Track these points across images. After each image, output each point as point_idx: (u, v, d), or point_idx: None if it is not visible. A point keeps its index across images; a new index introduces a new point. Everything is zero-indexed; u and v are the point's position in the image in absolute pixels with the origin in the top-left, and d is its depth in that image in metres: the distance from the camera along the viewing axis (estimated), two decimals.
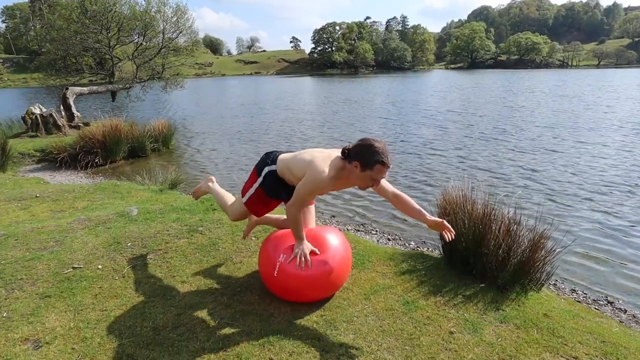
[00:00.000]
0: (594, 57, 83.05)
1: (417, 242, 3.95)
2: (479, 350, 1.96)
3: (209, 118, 14.29)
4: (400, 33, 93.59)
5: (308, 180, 1.98)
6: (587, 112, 13.25)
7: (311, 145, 9.08)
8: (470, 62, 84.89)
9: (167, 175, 4.94)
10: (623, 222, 4.45)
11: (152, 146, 7.99)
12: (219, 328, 2.11)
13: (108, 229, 3.22)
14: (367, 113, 14.64)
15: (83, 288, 2.44)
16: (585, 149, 7.87)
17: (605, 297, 2.99)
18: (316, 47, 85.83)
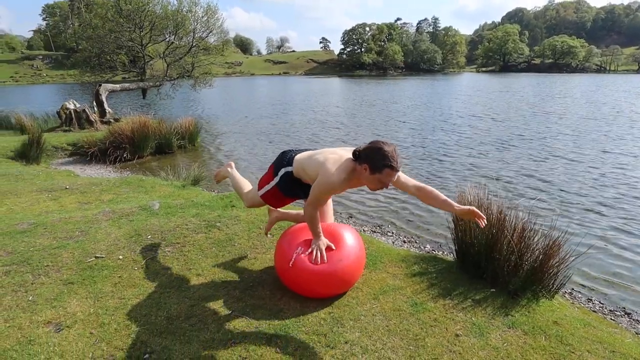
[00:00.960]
0: (633, 62, 79.20)
1: (433, 245, 3.91)
2: (483, 354, 1.95)
3: (235, 117, 14.55)
4: (431, 35, 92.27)
5: (321, 182, 2.02)
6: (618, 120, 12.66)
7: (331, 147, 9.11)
8: (502, 65, 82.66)
9: (190, 171, 5.09)
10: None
11: (179, 143, 8.22)
12: (230, 320, 2.17)
13: (130, 222, 3.36)
14: (389, 115, 14.50)
15: (104, 276, 2.57)
16: (608, 159, 7.52)
17: (622, 308, 2.88)
18: (345, 48, 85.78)
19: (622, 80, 41.88)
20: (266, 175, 2.43)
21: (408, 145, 9.09)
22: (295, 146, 9.01)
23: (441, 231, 4.31)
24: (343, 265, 2.23)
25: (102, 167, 6.83)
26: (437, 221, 4.59)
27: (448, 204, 2.05)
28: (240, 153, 8.52)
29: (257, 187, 2.48)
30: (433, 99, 20.92)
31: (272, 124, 12.54)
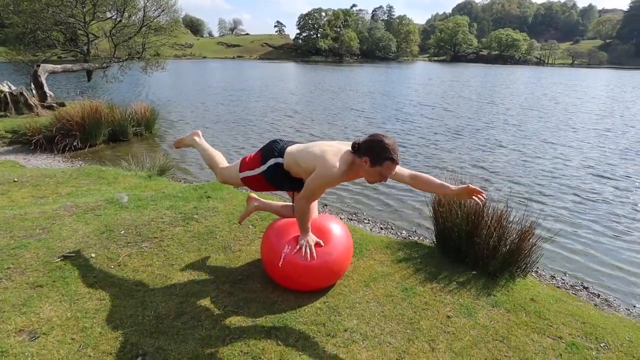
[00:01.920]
0: (568, 56, 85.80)
1: (408, 231, 4.04)
2: (474, 333, 2.07)
3: (191, 103, 13.92)
4: (386, 23, 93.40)
5: (319, 175, 1.98)
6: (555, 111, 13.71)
7: (284, 134, 9.01)
8: (453, 55, 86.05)
9: (155, 161, 4.81)
10: (595, 215, 4.68)
11: (135, 130, 7.72)
12: (224, 315, 2.11)
13: (98, 216, 3.12)
14: (346, 104, 14.49)
15: (77, 277, 2.37)
16: (549, 149, 8.15)
17: (580, 283, 3.18)
18: (301, 33, 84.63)
19: (558, 73, 45.34)
20: (252, 159, 2.33)
21: (358, 135, 9.10)
22: (257, 135, 8.82)
23: (414, 217, 4.46)
24: (333, 259, 2.22)
25: (50, 157, 6.25)
26: (410, 208, 4.73)
27: (445, 187, 2.10)
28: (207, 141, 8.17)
29: (239, 167, 2.36)
30: (388, 88, 21.32)
31: (231, 111, 12.14)
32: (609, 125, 10.77)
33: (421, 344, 1.96)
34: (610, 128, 10.39)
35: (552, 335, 2.08)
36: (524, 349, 1.96)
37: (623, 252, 3.81)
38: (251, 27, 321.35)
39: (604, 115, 12.68)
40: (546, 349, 1.97)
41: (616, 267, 3.52)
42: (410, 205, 4.81)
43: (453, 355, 1.89)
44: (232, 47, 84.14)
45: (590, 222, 4.46)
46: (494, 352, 1.93)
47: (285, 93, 17.76)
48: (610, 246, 3.91)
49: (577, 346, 2.00)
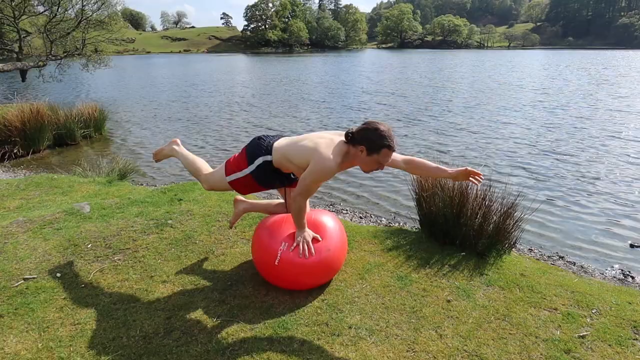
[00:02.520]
0: (505, 40, 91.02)
1: (388, 218, 4.04)
2: (476, 314, 2.08)
3: (140, 101, 13.13)
4: (333, 12, 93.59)
5: (315, 169, 1.87)
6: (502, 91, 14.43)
7: (243, 129, 8.74)
8: (400, 42, 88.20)
9: (114, 164, 4.43)
10: (556, 190, 4.96)
11: (83, 133, 7.12)
12: (218, 327, 1.96)
13: (58, 230, 2.81)
14: (300, 95, 14.23)
15: (43, 301, 2.11)
16: (502, 129, 8.55)
17: (556, 253, 3.33)
18: (249, 25, 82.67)
19: (498, 55, 47.81)
20: (237, 160, 2.18)
21: (320, 126, 8.97)
22: (215, 132, 8.46)
23: (390, 205, 4.48)
24: (331, 254, 2.14)
25: None
26: (384, 196, 4.74)
27: (441, 170, 2.07)
28: (158, 141, 7.73)
29: (225, 171, 2.20)
30: (341, 76, 21.32)
31: (184, 108, 11.57)
32: (552, 103, 11.46)
33: (428, 332, 1.93)
34: (555, 105, 11.03)
35: (547, 308, 2.14)
36: (526, 324, 2.00)
37: (586, 221, 4.04)
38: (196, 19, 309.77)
39: (548, 94, 13.48)
40: (545, 322, 2.02)
41: (583, 236, 3.73)
42: (383, 193, 4.82)
43: (461, 340, 1.88)
44: (177, 40, 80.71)
45: (552, 196, 4.70)
46: (499, 331, 1.95)
47: (239, 86, 17.25)
48: (574, 217, 4.14)
49: (572, 315, 2.07)
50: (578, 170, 5.52)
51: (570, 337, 1.92)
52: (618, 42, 77.11)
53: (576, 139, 7.21)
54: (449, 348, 1.83)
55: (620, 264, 3.24)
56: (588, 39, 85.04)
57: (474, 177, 2.00)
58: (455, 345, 1.85)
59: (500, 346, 1.85)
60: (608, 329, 1.98)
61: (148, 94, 14.92)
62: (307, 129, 8.62)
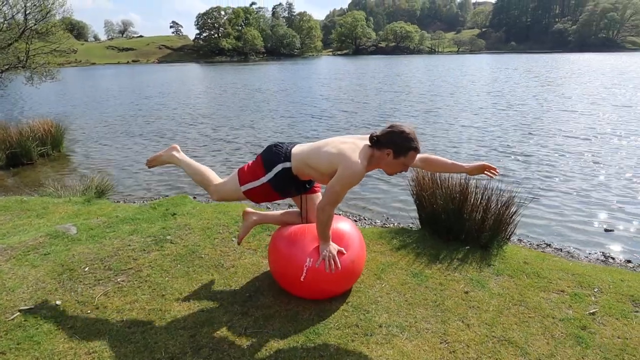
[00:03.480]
0: (454, 45, 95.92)
1: (382, 220, 4.09)
2: (495, 302, 2.18)
3: (93, 115, 12.43)
4: (287, 20, 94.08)
5: (345, 175, 1.86)
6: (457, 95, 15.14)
7: (202, 143, 8.47)
8: (355, 49, 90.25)
9: (90, 182, 4.15)
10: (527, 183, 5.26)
11: (40, 151, 6.61)
12: (248, 340, 1.91)
13: (46, 255, 2.60)
14: (257, 104, 13.90)
15: (48, 333, 1.94)
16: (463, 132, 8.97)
17: (543, 242, 3.55)
18: (201, 33, 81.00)
19: (449, 60, 50.19)
20: (252, 169, 2.13)
21: (282, 136, 8.68)
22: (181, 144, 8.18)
23: (379, 206, 4.55)
24: (355, 263, 2.14)
25: None
26: (372, 197, 4.81)
27: (458, 166, 2.14)
28: (125, 156, 7.35)
29: (239, 180, 2.14)
30: (300, 84, 21.28)
31: (145, 122, 11.02)
32: (504, 104, 12.09)
33: (455, 323, 2.00)
34: (510, 106, 11.65)
35: (555, 291, 2.29)
36: (540, 307, 2.13)
37: (562, 213, 4.28)
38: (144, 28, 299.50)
39: (498, 95, 14.29)
40: (557, 303, 2.16)
41: (562, 225, 3.97)
42: (371, 196, 4.88)
43: (487, 327, 1.97)
44: (124, 50, 77.48)
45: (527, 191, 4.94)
46: (519, 315, 2.06)
47: (196, 98, 16.55)
48: (551, 209, 4.37)
49: (579, 295, 2.23)
50: (545, 166, 5.88)
51: (582, 315, 2.07)
52: (554, 46, 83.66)
53: (536, 138, 7.65)
54: (478, 336, 1.91)
55: (600, 247, 3.51)
56: (528, 43, 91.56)
57: (489, 171, 2.09)
58: (484, 333, 1.93)
59: (524, 329, 1.95)
60: (612, 304, 2.16)
61: (101, 108, 14.15)
62: (272, 140, 8.37)
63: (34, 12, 10.97)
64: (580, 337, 1.90)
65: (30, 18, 11.13)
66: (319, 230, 2.00)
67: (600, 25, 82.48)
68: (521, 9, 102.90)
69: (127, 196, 4.94)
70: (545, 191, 4.89)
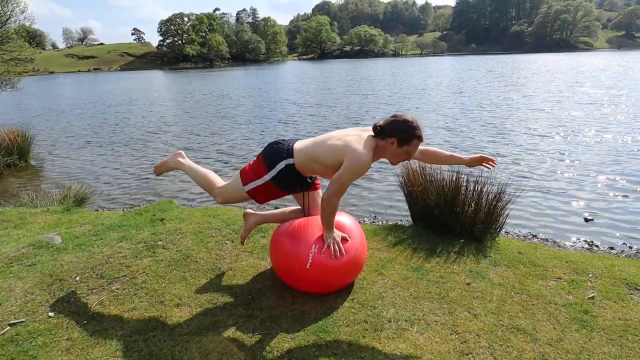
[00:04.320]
0: (417, 47, 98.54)
1: (369, 217, 4.13)
2: (497, 292, 2.24)
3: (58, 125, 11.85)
4: (252, 25, 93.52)
5: (351, 166, 1.88)
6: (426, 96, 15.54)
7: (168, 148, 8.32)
8: (320, 53, 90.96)
9: (67, 191, 3.94)
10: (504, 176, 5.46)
11: (6, 161, 6.24)
12: (258, 342, 1.87)
13: (31, 266, 2.45)
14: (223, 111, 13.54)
15: (43, 346, 1.83)
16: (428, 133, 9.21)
17: (529, 233, 3.67)
18: (164, 40, 79.16)
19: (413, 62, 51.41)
20: (254, 168, 2.12)
21: (249, 144, 8.24)
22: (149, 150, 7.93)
23: (366, 203, 4.59)
24: (359, 252, 2.17)
25: None
26: (357, 195, 4.84)
27: (456, 158, 2.20)
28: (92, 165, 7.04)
29: (241, 181, 2.13)
30: (265, 89, 21.03)
31: (113, 130, 10.56)
32: (471, 104, 12.51)
33: (462, 314, 2.03)
34: (475, 106, 12.09)
35: (553, 278, 2.37)
36: (542, 294, 2.20)
37: (543, 204, 4.45)
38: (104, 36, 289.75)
39: (465, 96, 14.75)
40: (557, 290, 2.24)
41: (544, 216, 4.13)
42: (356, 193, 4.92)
43: (494, 316, 2.01)
44: (85, 59, 74.67)
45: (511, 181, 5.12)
46: (523, 303, 2.12)
47: (162, 106, 15.87)
48: (532, 202, 4.53)
49: (575, 282, 2.32)
50: (519, 163, 6.09)
51: (582, 299, 2.15)
52: (512, 47, 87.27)
53: (507, 137, 7.87)
54: (487, 325, 1.95)
55: (583, 235, 3.67)
56: (488, 45, 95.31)
57: (488, 163, 2.17)
58: (492, 322, 1.97)
59: (529, 316, 2.01)
60: (608, 288, 2.26)
61: (65, 117, 13.48)
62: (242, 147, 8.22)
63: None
64: (584, 320, 1.97)
65: None
66: (324, 220, 2.02)
67: (554, 26, 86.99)
68: (479, 12, 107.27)
69: (108, 203, 4.73)
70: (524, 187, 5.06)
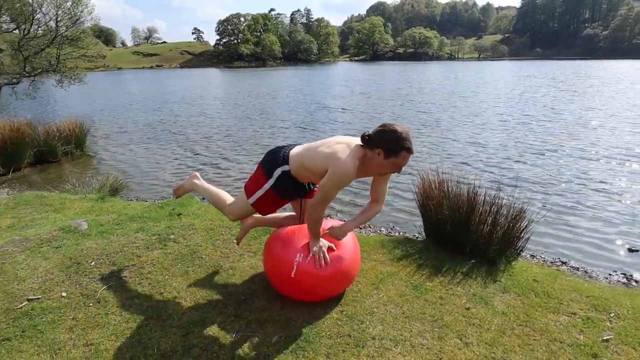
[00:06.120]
0: (475, 51, 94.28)
1: (387, 227, 4.05)
2: (498, 321, 2.09)
3: (118, 117, 12.80)
4: (305, 26, 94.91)
5: (334, 176, 1.85)
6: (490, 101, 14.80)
7: (225, 143, 8.61)
8: (372, 55, 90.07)
9: (104, 180, 4.30)
10: (547, 195, 5.09)
11: (64, 149, 6.90)
12: (239, 342, 1.91)
13: (57, 249, 2.70)
14: (285, 110, 14.25)
15: (51, 322, 2.02)
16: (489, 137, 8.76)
17: (558, 259, 3.37)
18: (221, 39, 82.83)
19: (470, 67, 49.12)
20: (254, 179, 2.16)
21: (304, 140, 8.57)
22: (204, 147, 8.30)
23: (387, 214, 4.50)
24: (347, 263, 2.13)
25: None
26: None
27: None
28: (144, 155, 7.56)
29: (245, 194, 2.18)
30: (315, 90, 21.07)
31: (166, 126, 11.12)
32: (535, 114, 11.43)
33: (453, 340, 1.93)
34: (540, 116, 11.16)
35: (566, 313, 2.17)
36: (548, 329, 2.02)
37: (583, 227, 4.08)
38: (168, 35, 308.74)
39: (525, 104, 13.66)
40: (567, 327, 2.05)
41: (582, 241, 3.78)
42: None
43: (487, 347, 1.89)
44: (149, 56, 79.92)
45: (548, 204, 4.74)
46: (523, 337, 1.97)
47: (212, 105, 16.52)
48: (571, 223, 4.17)
49: (592, 320, 2.10)
50: (573, 177, 5.62)
51: (594, 341, 1.94)
52: (584, 52, 79.35)
53: (559, 152, 7.31)
54: (476, 356, 1.83)
55: (621, 267, 3.30)
56: (555, 49, 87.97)
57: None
58: (483, 353, 1.85)
59: (527, 352, 1.86)
60: (629, 332, 2.02)
61: (125, 112, 14.54)
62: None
63: (64, 19, 11.46)
64: None
65: (62, 25, 11.64)
66: (310, 228, 2.02)
67: (635, 30, 78.69)
68: (548, 14, 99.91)
69: (139, 195, 5.07)
70: (565, 207, 4.68)
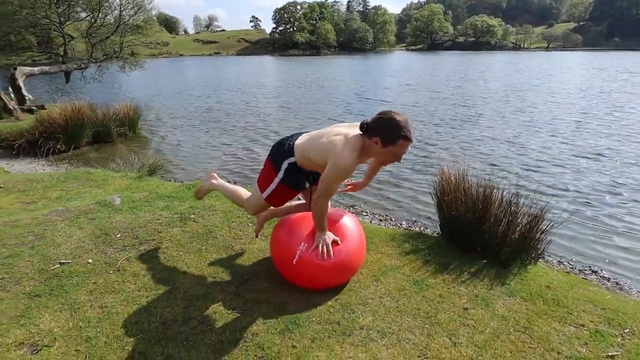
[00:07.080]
0: (543, 40, 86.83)
1: (408, 222, 4.00)
2: (494, 324, 2.02)
3: (172, 101, 13.61)
4: (362, 14, 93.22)
5: (333, 169, 1.87)
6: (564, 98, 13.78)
7: (275, 128, 8.83)
8: (430, 44, 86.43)
9: (145, 160, 4.66)
10: (591, 199, 4.72)
11: (118, 130, 7.51)
12: (233, 318, 2.03)
13: (92, 220, 2.99)
14: (327, 99, 14.35)
15: (75, 284, 2.27)
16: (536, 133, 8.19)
17: (589, 267, 3.16)
18: (277, 27, 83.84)
19: (537, 57, 45.33)
20: (265, 174, 2.22)
21: None
22: (243, 131, 8.60)
23: (413, 208, 4.44)
24: (350, 256, 2.16)
25: (34, 161, 6.01)
26: (408, 198, 4.71)
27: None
28: (188, 139, 8.01)
29: (258, 189, 2.24)
30: (361, 80, 20.74)
31: (212, 113, 11.55)
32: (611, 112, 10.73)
33: (441, 339, 1.91)
34: (598, 115, 10.35)
35: (574, 323, 2.04)
36: (548, 338, 1.92)
37: (622, 235, 3.80)
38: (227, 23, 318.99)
39: (587, 99, 12.57)
40: (570, 338, 1.93)
41: (621, 249, 3.52)
42: (408, 194, 4.78)
43: (476, 349, 1.84)
44: (208, 43, 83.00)
45: (587, 206, 4.46)
46: (517, 343, 1.89)
47: (263, 93, 16.88)
48: (611, 228, 3.90)
49: (601, 333, 1.97)
50: (616, 183, 5.19)
51: (597, 356, 1.82)
52: None
53: (623, 155, 6.73)
54: (462, 356, 1.80)
55: None
56: (637, 39, 79.15)
57: None
58: (470, 355, 1.81)
59: (517, 359, 1.80)
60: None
61: (178, 96, 15.38)
62: None
63: (128, 8, 12.29)
64: None
65: (125, 14, 12.49)
66: (315, 221, 2.06)
67: None
68: (630, 0, 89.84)
69: (175, 176, 5.42)
70: (608, 208, 4.34)
